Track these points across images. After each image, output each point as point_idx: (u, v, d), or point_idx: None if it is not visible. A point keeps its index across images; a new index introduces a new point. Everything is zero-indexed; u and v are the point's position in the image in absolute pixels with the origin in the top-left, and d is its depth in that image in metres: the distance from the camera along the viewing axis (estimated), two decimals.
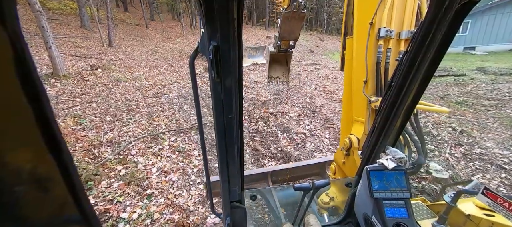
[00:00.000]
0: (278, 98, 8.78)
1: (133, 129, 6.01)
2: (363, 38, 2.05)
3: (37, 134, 0.32)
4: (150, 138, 5.58)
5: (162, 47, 18.27)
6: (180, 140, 5.67)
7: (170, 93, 8.83)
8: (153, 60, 14.18)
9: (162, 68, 12.44)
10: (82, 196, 0.40)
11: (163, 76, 11.03)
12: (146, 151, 5.11)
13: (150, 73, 11.25)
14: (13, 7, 0.28)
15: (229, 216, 1.30)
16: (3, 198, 0.30)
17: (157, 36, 21.76)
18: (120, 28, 21.99)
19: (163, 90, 9.03)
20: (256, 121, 6.91)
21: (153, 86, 9.43)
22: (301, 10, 2.50)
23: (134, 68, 11.72)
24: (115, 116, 6.62)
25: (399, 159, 1.35)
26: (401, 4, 1.93)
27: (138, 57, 14.38)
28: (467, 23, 20.78)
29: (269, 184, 3.48)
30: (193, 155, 5.06)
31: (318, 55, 22.96)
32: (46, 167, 0.35)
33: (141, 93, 8.54)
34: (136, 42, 18.38)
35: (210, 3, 0.69)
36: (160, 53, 16.13)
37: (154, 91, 8.91)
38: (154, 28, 24.78)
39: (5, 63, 0.28)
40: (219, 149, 1.05)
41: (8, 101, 0.29)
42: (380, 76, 2.03)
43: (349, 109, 2.49)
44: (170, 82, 10.16)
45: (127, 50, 15.44)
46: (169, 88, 9.39)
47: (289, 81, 3.85)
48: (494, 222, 1.41)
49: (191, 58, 0.88)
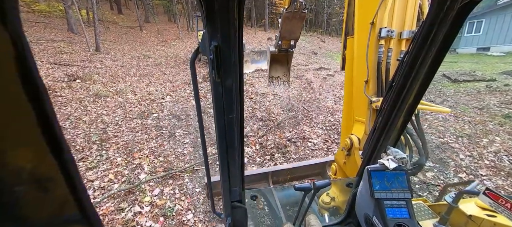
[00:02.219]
0: (294, 117, 6.94)
1: (101, 174, 4.14)
2: (364, 38, 2.00)
3: (38, 133, 0.31)
4: (123, 193, 3.72)
5: (156, 51, 16.32)
6: (168, 192, 3.81)
7: (160, 111, 6.95)
8: (144, 67, 12.26)
9: (154, 77, 10.53)
10: (83, 196, 0.39)
11: (154, 87, 9.13)
12: (114, 219, 3.26)
13: (138, 84, 9.35)
14: (14, 7, 0.27)
15: (229, 216, 1.26)
16: (3, 198, 0.30)
17: (152, 39, 19.80)
18: (111, 31, 20.01)
19: (152, 108, 7.15)
20: (272, 153, 5.07)
21: (139, 102, 7.54)
22: (301, 10, 2.38)
23: (120, 78, 9.81)
24: (82, 151, 4.75)
25: (400, 159, 1.31)
26: (402, 4, 1.89)
27: (128, 63, 12.45)
28: (481, 22, 19.16)
29: (270, 184, 3.35)
30: (187, 225, 3.22)
31: (323, 57, 21.19)
32: (47, 167, 0.34)
33: (124, 113, 6.66)
34: (128, 46, 16.42)
35: (210, 3, 0.67)
36: (153, 59, 14.20)
37: (140, 109, 7.02)
38: (149, 30, 22.79)
39: (7, 63, 0.27)
40: (219, 149, 1.02)
41: (9, 100, 0.28)
42: (381, 77, 1.98)
43: (350, 109, 2.42)
44: (161, 95, 8.27)
45: (116, 56, 13.49)
46: (159, 104, 7.51)
47: (289, 82, 3.55)
48: (496, 223, 1.37)
49: (192, 59, 0.87)
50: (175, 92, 8.68)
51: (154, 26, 24.57)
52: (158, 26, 24.32)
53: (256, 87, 9.46)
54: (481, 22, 19.12)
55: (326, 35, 37.06)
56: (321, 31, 38.80)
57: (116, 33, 19.53)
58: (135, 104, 7.33)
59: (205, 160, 1.15)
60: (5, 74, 0.28)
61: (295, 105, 7.81)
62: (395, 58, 1.97)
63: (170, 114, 6.80)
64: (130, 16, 27.31)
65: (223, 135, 0.97)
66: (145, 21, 26.38)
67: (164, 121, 6.34)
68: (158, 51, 16.47)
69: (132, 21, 24.71)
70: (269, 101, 8.02)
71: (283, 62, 3.34)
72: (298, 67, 14.60)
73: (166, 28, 24.81)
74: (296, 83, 10.40)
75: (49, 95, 0.32)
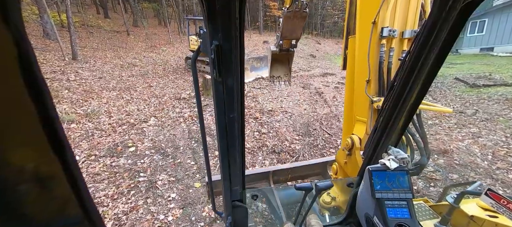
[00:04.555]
0: (313, 145, 5.24)
1: None
2: (365, 38, 1.97)
3: (40, 132, 0.31)
4: None
5: (143, 58, 14.37)
6: None
7: (139, 143, 5.13)
8: (128, 77, 10.34)
9: (137, 91, 8.65)
10: (85, 195, 0.38)
11: (135, 105, 7.27)
12: None
13: (116, 101, 7.47)
14: (17, 7, 0.27)
15: (230, 215, 1.24)
16: (6, 197, 0.30)
17: (139, 45, 17.78)
18: (95, 37, 17.87)
19: (129, 137, 5.32)
20: None
21: (114, 129, 5.70)
22: (303, 9, 2.29)
23: (95, 94, 7.90)
24: None
25: (401, 159, 1.29)
26: (405, 3, 1.84)
27: (109, 74, 10.51)
28: (484, 22, 18.07)
29: (270, 184, 3.25)
30: None
31: (322, 60, 19.72)
32: (49, 166, 0.33)
33: (89, 148, 4.81)
34: (112, 53, 14.41)
35: (212, 2, 0.65)
36: (139, 67, 12.27)
37: (113, 140, 5.19)
38: (137, 35, 20.70)
39: (9, 62, 0.27)
40: (220, 148, 1.00)
41: (12, 100, 0.28)
42: (383, 76, 1.94)
43: (351, 108, 2.39)
44: (143, 117, 6.44)
45: (95, 65, 11.51)
46: (139, 131, 5.68)
47: (290, 81, 3.38)
48: (497, 224, 1.36)
49: (193, 58, 0.86)
50: (161, 112, 6.86)
51: (143, 30, 22.49)
52: (147, 30, 22.28)
53: (261, 102, 7.71)
54: (484, 22, 18.03)
55: (320, 37, 35.82)
56: (315, 33, 37.63)
57: (100, 39, 17.42)
58: (108, 133, 5.48)
59: (206, 158, 1.11)
60: (8, 74, 0.27)
61: (310, 125, 6.15)
62: (397, 58, 1.92)
63: (153, 147, 4.99)
64: (117, 20, 25.04)
65: (224, 134, 0.94)
66: (133, 25, 24.24)
67: (142, 160, 4.54)
68: (146, 58, 14.52)
69: (119, 26, 22.52)
70: (278, 122, 6.30)
71: (284, 62, 3.25)
72: (301, 74, 12.98)
73: (155, 33, 22.75)
74: (305, 95, 8.74)
75: (51, 94, 0.31)
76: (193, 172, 4.21)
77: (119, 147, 4.89)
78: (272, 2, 32.05)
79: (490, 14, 17.71)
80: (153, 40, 19.61)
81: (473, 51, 18.68)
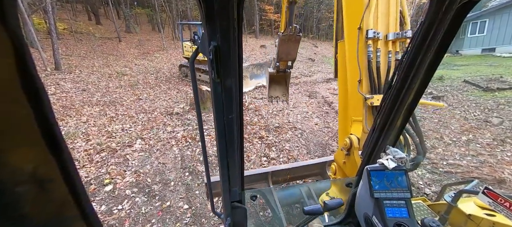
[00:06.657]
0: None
1: None
2: (353, 41, 2.04)
3: (37, 133, 0.30)
4: None
5: (134, 66, 13.22)
6: None
7: (119, 178, 4.03)
8: (115, 89, 9.21)
9: (123, 106, 7.52)
10: (83, 196, 0.38)
11: (120, 124, 6.14)
12: None
13: (98, 120, 6.34)
14: (14, 7, 0.26)
15: (229, 216, 1.21)
16: (4, 198, 0.29)
17: (131, 52, 16.60)
18: (84, 44, 16.63)
19: (107, 170, 4.21)
20: None
21: (90, 157, 4.58)
22: (297, 33, 2.42)
23: (75, 110, 6.76)
24: None
25: (399, 159, 1.26)
26: (385, 9, 1.96)
27: (94, 85, 9.36)
28: (484, 22, 17.47)
29: (269, 184, 3.19)
30: None
31: (321, 64, 18.87)
32: (47, 167, 0.33)
33: None
34: (101, 61, 13.23)
35: (210, 3, 0.63)
36: (129, 76, 11.13)
37: (87, 173, 4.08)
38: (129, 41, 19.49)
39: (6, 63, 0.27)
40: (219, 149, 0.98)
41: (8, 100, 0.28)
42: (373, 75, 1.99)
43: (346, 110, 2.43)
44: (128, 139, 5.33)
45: (80, 75, 10.34)
46: (121, 159, 4.58)
47: (288, 100, 3.41)
48: (495, 222, 1.34)
49: (192, 59, 0.83)
50: (149, 132, 5.75)
51: (136, 36, 21.31)
52: (139, 37, 21.10)
53: (265, 117, 6.66)
54: (485, 22, 17.43)
55: (317, 40, 35.13)
56: (311, 36, 36.96)
57: (89, 46, 16.18)
58: (82, 163, 4.37)
59: (205, 160, 1.08)
60: (5, 74, 0.27)
61: (327, 146, 5.13)
62: (384, 57, 2.00)
63: (136, 183, 3.90)
64: (110, 26, 23.75)
65: (222, 135, 0.92)
66: (125, 31, 23.02)
67: (121, 205, 3.44)
68: (137, 65, 13.37)
69: (110, 32, 21.29)
70: (288, 142, 5.26)
71: (281, 82, 3.25)
72: (304, 80, 12.03)
73: (148, 39, 21.59)
74: (313, 105, 7.74)
75: (48, 95, 0.30)
76: (186, 222, 3.14)
77: (92, 185, 3.79)
78: (267, 6, 31.25)
79: (490, 15, 17.13)
80: (145, 47, 18.45)
81: (474, 52, 18.05)
